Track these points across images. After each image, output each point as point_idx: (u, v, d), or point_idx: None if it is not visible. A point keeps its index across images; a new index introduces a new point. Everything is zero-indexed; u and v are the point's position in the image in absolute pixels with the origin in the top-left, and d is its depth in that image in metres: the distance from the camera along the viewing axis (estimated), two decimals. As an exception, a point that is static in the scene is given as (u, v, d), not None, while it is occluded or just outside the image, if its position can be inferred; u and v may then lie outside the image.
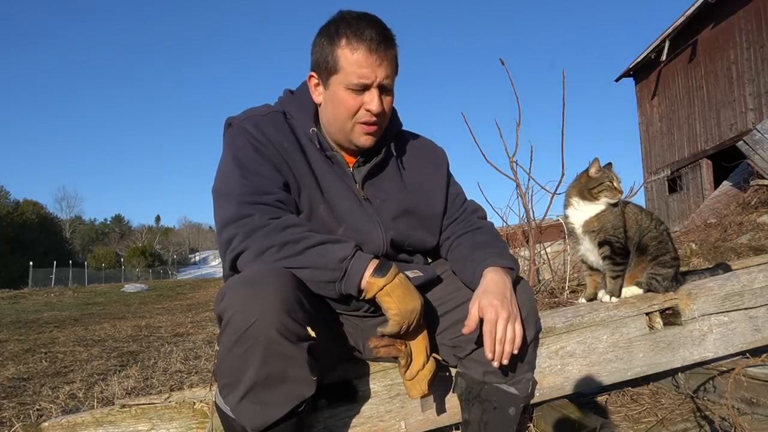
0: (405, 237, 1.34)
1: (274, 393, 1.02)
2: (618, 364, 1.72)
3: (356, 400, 1.39)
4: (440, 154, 1.49)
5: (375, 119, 1.23)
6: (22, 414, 2.39)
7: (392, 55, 1.22)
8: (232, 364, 1.01)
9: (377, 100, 1.21)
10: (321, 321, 1.17)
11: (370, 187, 1.33)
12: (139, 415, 1.31)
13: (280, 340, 0.99)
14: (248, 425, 1.03)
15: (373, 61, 1.18)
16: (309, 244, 1.12)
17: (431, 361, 1.21)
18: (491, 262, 1.26)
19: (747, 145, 8.59)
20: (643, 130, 15.68)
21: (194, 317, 7.70)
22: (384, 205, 1.32)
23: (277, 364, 1.00)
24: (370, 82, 1.20)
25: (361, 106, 1.21)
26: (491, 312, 1.14)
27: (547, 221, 4.33)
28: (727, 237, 7.06)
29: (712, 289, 1.85)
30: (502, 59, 3.52)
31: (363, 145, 1.27)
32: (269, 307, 0.99)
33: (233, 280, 1.08)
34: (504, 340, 1.15)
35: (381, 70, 1.19)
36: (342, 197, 1.27)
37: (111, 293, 17.50)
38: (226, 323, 1.01)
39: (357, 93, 1.21)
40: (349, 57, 1.18)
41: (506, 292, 1.19)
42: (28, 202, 48.84)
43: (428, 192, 1.41)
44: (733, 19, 11.49)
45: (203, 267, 68.67)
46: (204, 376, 3.06)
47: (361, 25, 1.18)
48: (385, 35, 1.21)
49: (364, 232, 1.27)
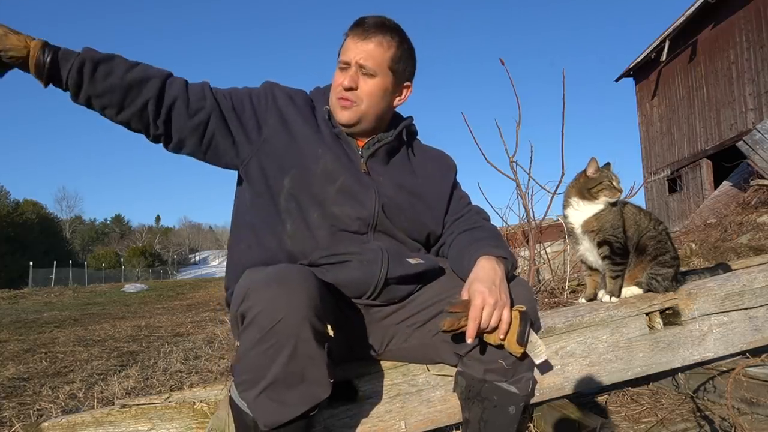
0: (400, 209, 1.36)
1: (292, 392, 1.02)
2: (618, 364, 1.72)
3: (356, 400, 1.39)
4: (450, 163, 1.55)
5: (347, 94, 1.32)
6: (22, 414, 2.39)
7: (379, 41, 1.31)
8: (255, 360, 1.01)
9: (350, 76, 1.31)
10: (336, 319, 1.17)
11: (373, 164, 1.38)
12: (139, 415, 1.31)
13: (307, 339, 1.00)
14: (261, 421, 1.03)
15: (357, 41, 1.31)
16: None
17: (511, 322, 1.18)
18: (484, 252, 1.28)
19: (747, 145, 8.59)
20: (643, 130, 15.68)
21: (194, 317, 7.70)
22: (383, 179, 1.37)
23: (299, 363, 1.01)
24: (348, 60, 1.31)
25: (341, 83, 1.32)
26: (478, 298, 1.15)
27: (547, 221, 4.32)
28: (727, 237, 7.06)
29: (712, 289, 1.85)
30: (502, 59, 3.52)
31: (341, 120, 1.35)
32: (297, 306, 1.00)
33: (255, 277, 1.08)
34: (489, 326, 1.15)
35: (360, 50, 1.30)
36: (341, 164, 1.33)
37: (111, 293, 17.50)
38: (251, 320, 1.02)
39: (341, 71, 1.33)
40: (345, 40, 1.34)
41: (495, 279, 1.19)
42: (28, 202, 48.85)
43: (433, 185, 1.45)
44: (733, 19, 11.49)
45: (203, 267, 68.65)
46: (204, 376, 3.06)
47: (367, 18, 1.33)
48: (380, 24, 1.32)
49: (359, 193, 1.31)
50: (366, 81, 1.32)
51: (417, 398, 1.44)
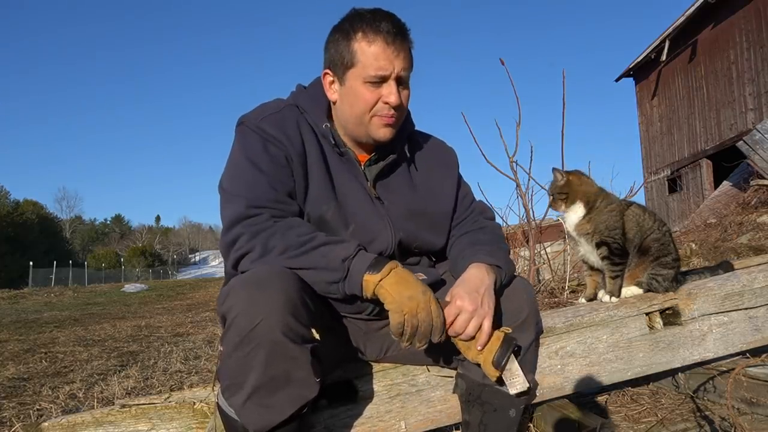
0: (414, 238, 1.33)
1: (278, 395, 1.01)
2: (618, 364, 1.72)
3: (356, 400, 1.39)
4: (451, 155, 1.48)
5: (393, 112, 1.22)
6: (22, 414, 2.39)
7: (408, 48, 1.22)
8: (236, 365, 1.01)
9: (395, 92, 1.20)
10: (325, 323, 1.16)
11: (381, 187, 1.32)
12: (139, 415, 1.31)
13: (284, 341, 0.99)
14: (251, 427, 1.03)
15: (390, 52, 1.18)
16: (313, 245, 1.11)
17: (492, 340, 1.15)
18: (478, 259, 1.25)
19: (747, 145, 8.60)
20: (643, 130, 15.68)
21: (194, 317, 7.70)
22: (394, 206, 1.31)
23: (281, 365, 1.00)
24: (387, 74, 1.19)
25: (379, 99, 1.21)
26: (455, 303, 1.13)
27: (547, 221, 4.33)
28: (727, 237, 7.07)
29: (712, 289, 1.85)
30: (502, 59, 3.53)
31: (381, 138, 1.25)
32: (273, 309, 0.99)
33: (237, 280, 1.07)
34: (463, 333, 1.13)
35: (398, 62, 1.19)
36: (354, 195, 1.27)
37: (111, 293, 17.49)
38: (230, 324, 1.01)
39: (375, 86, 1.20)
40: (366, 49, 1.18)
41: (480, 287, 1.17)
42: (28, 202, 48.90)
43: (438, 194, 1.40)
44: (733, 19, 11.49)
45: (203, 267, 68.64)
46: (204, 376, 3.06)
47: (377, 18, 1.19)
48: (401, 28, 1.21)
49: (374, 231, 1.26)
50: (404, 93, 1.24)
51: (417, 398, 1.44)
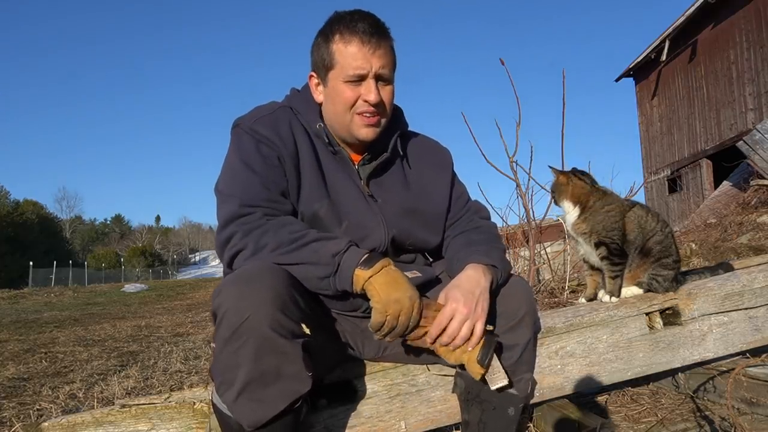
0: (407, 236, 1.34)
1: (269, 390, 1.02)
2: (618, 364, 1.72)
3: (356, 400, 1.39)
4: (445, 155, 1.49)
5: (373, 109, 1.23)
6: (22, 414, 2.39)
7: (387, 46, 1.23)
8: (226, 361, 1.02)
9: (374, 90, 1.21)
10: (317, 320, 1.16)
11: (374, 185, 1.33)
12: (139, 415, 1.31)
13: (272, 335, 0.99)
14: (244, 422, 1.03)
15: (366, 51, 1.20)
16: (304, 242, 1.13)
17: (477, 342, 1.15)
18: (473, 259, 1.25)
19: (747, 145, 8.60)
20: (643, 130, 15.69)
21: (194, 317, 7.71)
22: (387, 204, 1.32)
23: (271, 360, 1.00)
24: (365, 73, 1.21)
25: (358, 97, 1.22)
26: (449, 306, 1.13)
27: (547, 221, 4.33)
28: (727, 237, 7.07)
29: (712, 289, 1.85)
30: (502, 59, 3.53)
31: (364, 138, 1.27)
32: (262, 303, 0.99)
33: (228, 277, 1.08)
34: (456, 336, 1.13)
35: (375, 60, 1.21)
36: (347, 193, 1.28)
37: (111, 293, 17.50)
38: (220, 320, 1.02)
39: (354, 84, 1.22)
40: (344, 50, 1.20)
41: (475, 289, 1.17)
42: (28, 202, 48.90)
43: (432, 192, 1.40)
44: (733, 19, 11.50)
45: (203, 267, 68.63)
46: (204, 376, 3.06)
47: (354, 19, 1.21)
48: (378, 26, 1.23)
49: (367, 228, 1.27)
50: (384, 90, 1.24)
51: (417, 398, 1.44)
